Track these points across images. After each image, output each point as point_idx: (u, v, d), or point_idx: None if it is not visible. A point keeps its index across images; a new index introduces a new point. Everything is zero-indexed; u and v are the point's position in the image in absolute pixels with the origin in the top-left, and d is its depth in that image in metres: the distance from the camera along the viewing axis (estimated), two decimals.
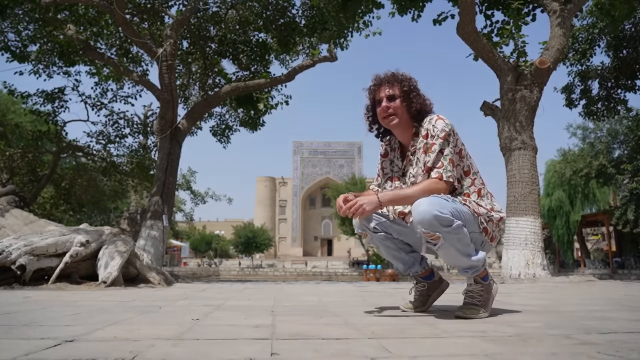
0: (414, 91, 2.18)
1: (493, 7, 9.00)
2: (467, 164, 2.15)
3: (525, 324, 1.85)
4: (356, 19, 10.66)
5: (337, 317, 2.12)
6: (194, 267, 45.62)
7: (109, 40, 12.19)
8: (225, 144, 14.00)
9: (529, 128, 7.17)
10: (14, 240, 4.33)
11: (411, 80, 2.21)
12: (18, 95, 13.15)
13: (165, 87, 9.53)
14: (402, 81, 2.19)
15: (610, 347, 1.33)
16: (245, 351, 1.29)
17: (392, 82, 2.19)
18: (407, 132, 2.21)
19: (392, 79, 2.20)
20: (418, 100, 2.17)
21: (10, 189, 8.05)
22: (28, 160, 14.67)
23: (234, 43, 12.00)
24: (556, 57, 7.34)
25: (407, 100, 2.17)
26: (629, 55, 12.65)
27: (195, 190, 31.93)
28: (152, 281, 4.89)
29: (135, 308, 2.53)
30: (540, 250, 6.67)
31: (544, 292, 4.09)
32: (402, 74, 2.22)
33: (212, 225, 67.59)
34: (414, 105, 2.16)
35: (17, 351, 1.27)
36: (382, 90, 2.20)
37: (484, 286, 2.07)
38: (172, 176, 9.90)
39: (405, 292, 3.13)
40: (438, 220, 1.87)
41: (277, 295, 3.61)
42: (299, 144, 71.53)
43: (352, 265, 45.06)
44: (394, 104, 2.17)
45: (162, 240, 9.18)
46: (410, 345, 1.40)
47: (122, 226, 19.62)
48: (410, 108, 2.17)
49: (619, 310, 2.48)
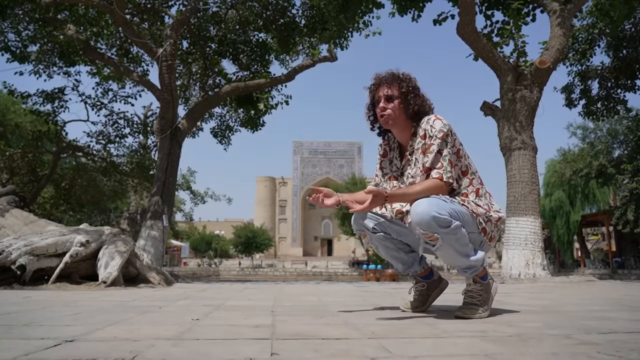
0: (412, 92, 2.18)
1: (493, 7, 9.00)
2: (464, 163, 2.15)
3: (525, 324, 1.85)
4: (356, 19, 10.66)
5: (337, 317, 2.12)
6: (194, 267, 45.62)
7: (109, 40, 12.19)
8: (226, 146, 13.99)
9: (529, 128, 7.17)
10: (14, 240, 4.33)
11: (411, 80, 2.20)
12: (18, 95, 13.15)
13: (165, 87, 9.53)
14: (402, 81, 2.18)
15: (610, 347, 1.33)
16: (245, 351, 1.29)
17: (391, 82, 2.18)
18: (406, 132, 2.21)
19: (391, 79, 2.19)
20: (416, 101, 2.16)
21: (10, 189, 8.04)
22: (28, 160, 14.68)
23: (234, 43, 12.01)
24: (556, 57, 7.34)
25: (404, 102, 2.16)
26: (629, 55, 12.65)
27: (195, 190, 31.95)
28: (152, 281, 4.89)
29: (135, 308, 2.53)
30: (540, 250, 6.67)
31: (544, 292, 4.09)
32: (403, 74, 2.21)
33: (212, 225, 67.60)
34: (412, 107, 2.16)
35: (17, 351, 1.27)
36: (381, 90, 2.19)
37: (483, 286, 2.07)
38: (172, 176, 9.90)
39: (405, 292, 3.13)
40: (436, 221, 1.87)
41: (277, 295, 3.61)
42: (299, 144, 71.54)
43: (352, 265, 45.07)
44: (391, 104, 2.16)
45: (162, 240, 9.18)
46: (410, 345, 1.40)
47: (122, 226, 19.66)
48: (408, 109, 2.16)
49: (619, 310, 2.48)
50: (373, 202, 1.96)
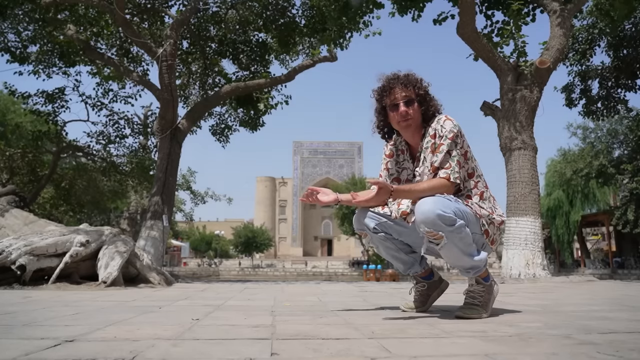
0: (428, 94, 2.16)
1: (493, 8, 8.99)
2: (471, 166, 2.15)
3: (525, 324, 1.85)
4: (356, 19, 10.66)
5: (337, 317, 2.12)
6: (194, 267, 45.62)
7: (109, 40, 12.18)
8: (225, 144, 13.99)
9: (529, 128, 7.17)
10: (14, 240, 4.33)
11: (423, 81, 2.18)
12: (18, 95, 13.14)
13: (165, 87, 9.53)
14: (417, 83, 2.15)
15: (610, 347, 1.33)
16: (245, 351, 1.29)
17: (407, 85, 2.14)
18: (418, 134, 2.19)
19: (406, 81, 2.14)
20: (431, 103, 2.16)
21: (10, 189, 8.03)
22: (28, 160, 14.68)
23: (234, 43, 12.00)
24: (556, 57, 7.34)
25: (424, 104, 2.14)
26: (629, 55, 12.65)
27: (195, 190, 31.92)
28: (152, 281, 4.89)
29: (135, 308, 2.53)
30: (540, 250, 6.67)
31: (544, 292, 4.09)
32: (414, 76, 2.18)
33: (212, 225, 67.59)
34: (431, 109, 2.15)
35: (17, 351, 1.27)
36: (397, 92, 2.14)
37: (485, 287, 2.07)
38: (172, 176, 9.89)
39: (405, 292, 3.13)
40: (441, 219, 1.87)
41: (277, 295, 3.61)
42: (299, 144, 71.55)
43: (352, 265, 45.07)
44: (412, 108, 2.12)
45: (162, 241, 9.18)
46: (410, 345, 1.40)
47: (122, 226, 19.65)
48: (428, 112, 2.15)
49: (619, 310, 2.48)
50: (378, 195, 1.96)
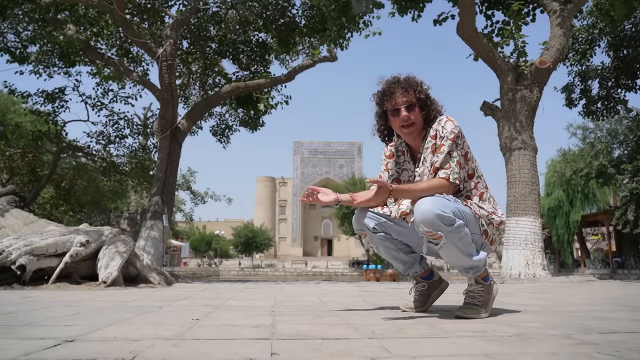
0: (429, 98, 2.16)
1: (493, 7, 8.99)
2: (472, 167, 2.15)
3: (525, 324, 1.84)
4: (356, 19, 10.66)
5: (337, 317, 2.12)
6: (194, 267, 45.62)
7: (109, 40, 12.18)
8: (225, 144, 13.99)
9: (529, 128, 7.17)
10: (14, 240, 4.33)
11: (423, 85, 2.18)
12: (18, 95, 13.14)
13: (165, 87, 9.53)
14: (416, 87, 2.15)
15: (610, 347, 1.33)
16: (245, 351, 1.29)
17: (407, 89, 2.13)
18: (419, 136, 2.19)
19: (406, 86, 2.14)
20: (432, 107, 2.16)
21: (10, 189, 8.02)
22: (28, 160, 14.67)
23: (234, 43, 12.00)
24: (556, 57, 7.34)
25: (425, 108, 2.14)
26: (629, 55, 12.65)
27: (195, 190, 31.93)
28: (152, 281, 4.89)
29: (136, 308, 2.53)
30: (540, 250, 6.67)
31: (544, 292, 4.09)
32: (415, 80, 2.17)
33: (212, 225, 67.60)
34: (432, 113, 2.15)
35: (17, 351, 1.27)
36: (397, 97, 2.13)
37: (484, 286, 2.07)
38: (172, 176, 9.89)
39: (405, 292, 3.13)
40: (440, 219, 1.87)
41: (277, 295, 3.61)
42: (299, 144, 71.54)
43: (352, 265, 45.07)
44: (413, 113, 2.12)
45: (162, 241, 9.18)
46: (410, 345, 1.40)
47: (122, 226, 19.65)
48: (429, 115, 2.15)
49: (619, 310, 2.48)
50: (377, 195, 1.96)
